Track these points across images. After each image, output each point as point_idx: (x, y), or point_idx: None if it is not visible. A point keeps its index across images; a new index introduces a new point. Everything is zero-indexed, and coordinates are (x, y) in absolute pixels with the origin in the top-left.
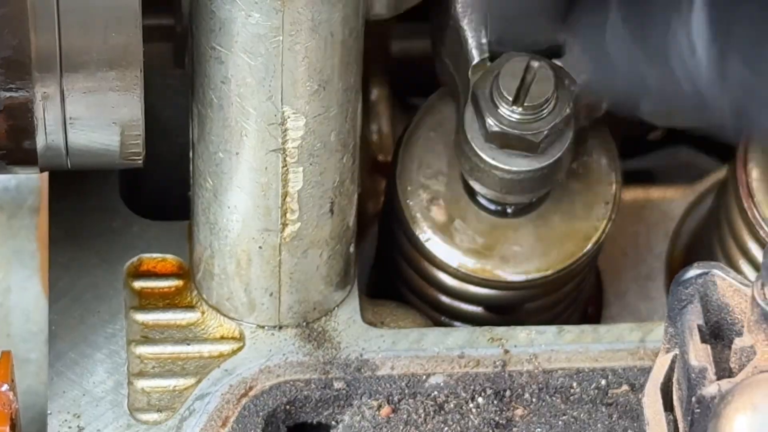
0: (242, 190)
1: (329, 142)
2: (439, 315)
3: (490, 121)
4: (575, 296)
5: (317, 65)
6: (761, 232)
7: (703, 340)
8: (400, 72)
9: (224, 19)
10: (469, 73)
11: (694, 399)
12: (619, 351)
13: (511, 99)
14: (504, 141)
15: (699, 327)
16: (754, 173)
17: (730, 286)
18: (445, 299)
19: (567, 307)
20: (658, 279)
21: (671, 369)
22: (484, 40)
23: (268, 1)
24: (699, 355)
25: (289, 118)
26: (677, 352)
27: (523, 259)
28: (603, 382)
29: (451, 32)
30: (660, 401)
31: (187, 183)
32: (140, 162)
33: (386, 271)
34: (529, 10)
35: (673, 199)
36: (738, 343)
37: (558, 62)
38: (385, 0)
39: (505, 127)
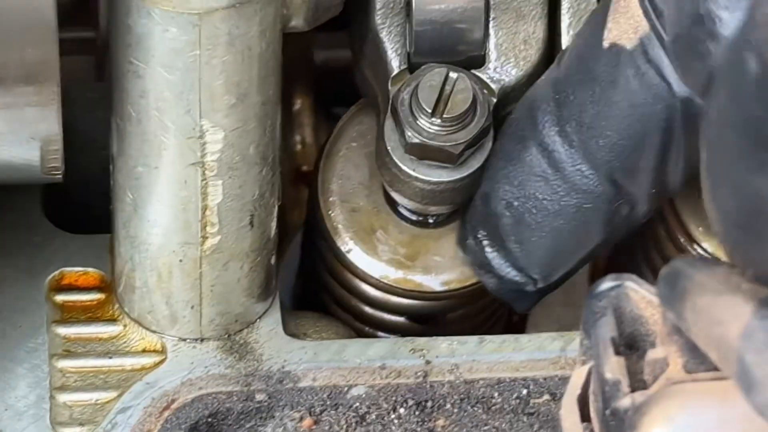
0: (162, 203)
1: (248, 155)
2: (362, 326)
3: (410, 133)
4: (498, 305)
5: (235, 79)
6: (681, 240)
7: (617, 353)
8: (323, 82)
9: (141, 34)
10: (389, 83)
11: (608, 411)
12: (540, 360)
13: (430, 110)
14: (423, 152)
15: (612, 339)
16: None
17: (643, 298)
18: (368, 310)
19: (490, 316)
20: (582, 286)
21: (588, 381)
22: (403, 51)
23: (184, 15)
24: (612, 367)
25: (207, 131)
26: (593, 365)
27: (445, 269)
28: (524, 391)
29: (371, 43)
30: (577, 413)
31: (110, 196)
32: (60, 176)
33: (310, 281)
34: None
35: None
36: (651, 355)
37: (477, 73)
38: (302, 13)
39: (424, 139)
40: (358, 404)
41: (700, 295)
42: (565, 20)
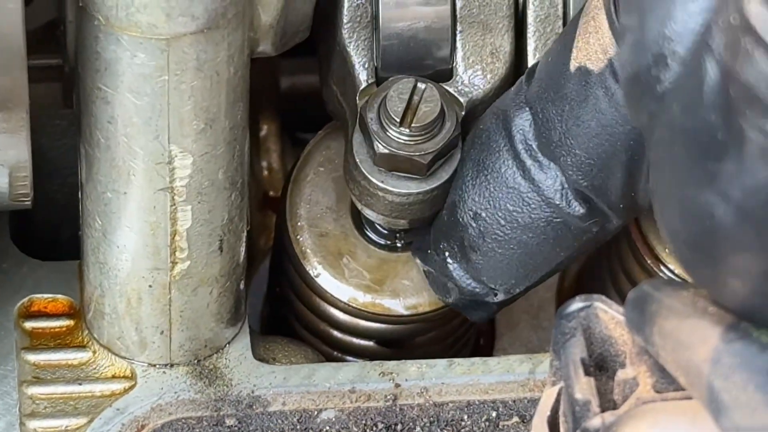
0: (131, 229)
1: (217, 180)
2: (331, 350)
3: (378, 144)
4: (467, 329)
5: (203, 104)
6: (648, 261)
7: (587, 373)
8: (289, 108)
9: (109, 60)
10: (357, 97)
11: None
12: (509, 383)
13: (398, 120)
14: (392, 163)
15: (582, 360)
16: None
17: (612, 318)
18: (337, 334)
19: (458, 339)
20: (549, 309)
21: (557, 401)
22: (371, 65)
23: (152, 41)
24: (582, 388)
25: (176, 157)
26: (563, 385)
27: (413, 292)
28: (494, 414)
29: (338, 57)
30: None
31: (79, 222)
32: (29, 203)
33: (279, 306)
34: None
35: None
36: (621, 375)
37: (445, 86)
38: (270, 38)
39: (393, 149)
40: (328, 428)
41: (667, 318)
42: (531, 43)
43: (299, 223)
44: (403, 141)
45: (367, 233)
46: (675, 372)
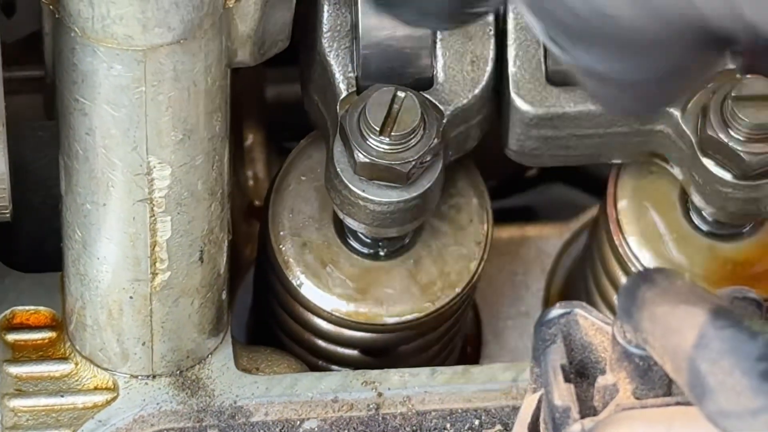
0: (111, 240)
1: (196, 190)
2: (316, 359)
3: (359, 153)
4: (451, 337)
5: (181, 115)
6: (632, 268)
7: (567, 380)
8: (275, 117)
9: (86, 72)
10: (338, 107)
11: None
12: (492, 391)
13: (378, 129)
14: (373, 172)
15: (562, 366)
16: (623, 209)
17: (592, 325)
18: (320, 343)
19: (443, 347)
20: (535, 316)
21: (538, 408)
22: (351, 74)
23: (129, 52)
24: (562, 394)
25: (154, 168)
26: (543, 392)
27: (396, 301)
28: (476, 422)
29: (318, 67)
30: None
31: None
32: (8, 216)
33: (263, 316)
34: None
35: (549, 237)
36: (601, 381)
37: (426, 95)
38: (248, 48)
39: (373, 158)
40: None
41: (659, 304)
42: (511, 51)
43: (282, 233)
44: (383, 150)
45: (350, 242)
46: (661, 358)
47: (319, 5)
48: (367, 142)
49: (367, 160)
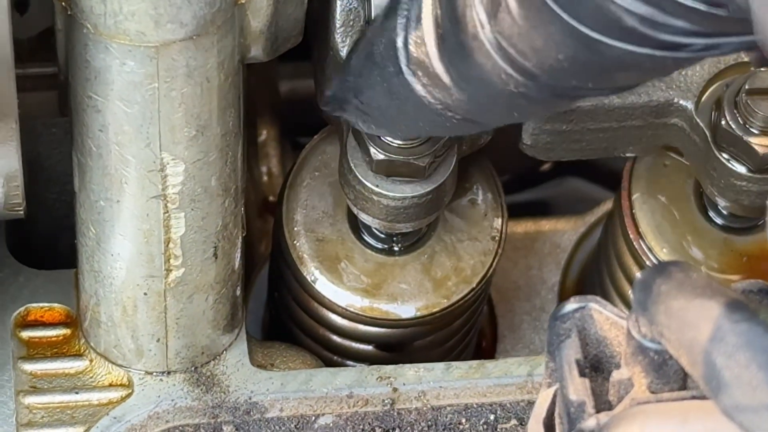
0: (125, 237)
1: (210, 186)
2: (330, 355)
3: (374, 150)
4: (467, 331)
5: (194, 111)
6: (647, 262)
7: (582, 374)
8: (288, 112)
9: (99, 68)
10: None
11: None
12: (507, 386)
13: None
14: (390, 168)
15: (577, 361)
16: (638, 202)
17: (607, 319)
18: (335, 338)
19: (459, 342)
20: (550, 311)
21: (553, 403)
22: None
23: (142, 48)
24: (577, 388)
25: (168, 164)
26: (558, 387)
27: (411, 296)
28: (492, 417)
29: (332, 63)
30: None
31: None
32: (23, 213)
33: (278, 312)
34: None
35: (564, 231)
36: (616, 375)
37: None
38: (261, 44)
39: (390, 155)
40: None
41: (675, 298)
42: None
43: (296, 228)
44: (397, 145)
45: (364, 237)
46: (677, 351)
47: (332, 1)
48: (382, 138)
49: (384, 157)
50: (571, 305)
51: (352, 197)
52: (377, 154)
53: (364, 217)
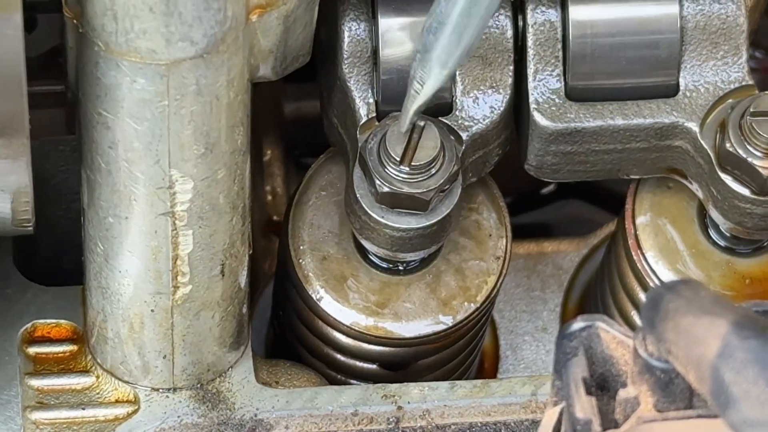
0: (133, 254)
1: (218, 204)
2: (335, 373)
3: (379, 182)
4: (470, 351)
5: (203, 128)
6: (650, 283)
7: (588, 393)
8: (293, 132)
9: (109, 85)
10: (357, 132)
11: None
12: (511, 405)
13: (398, 159)
14: (394, 201)
15: (584, 379)
16: (642, 224)
17: (613, 338)
18: (340, 357)
19: (462, 362)
20: (553, 330)
21: (559, 421)
22: (371, 100)
23: (152, 66)
24: (584, 407)
25: (177, 181)
26: (565, 405)
27: (416, 316)
28: None
29: (339, 92)
30: None
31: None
32: (31, 229)
33: (283, 330)
34: None
35: (566, 252)
36: (622, 394)
37: (445, 120)
38: (270, 63)
39: (394, 187)
40: None
41: (683, 315)
42: (531, 66)
43: (301, 247)
44: (402, 178)
45: (370, 257)
46: (685, 368)
47: (340, 31)
48: (387, 171)
49: (388, 190)
50: (578, 324)
51: (357, 226)
52: (382, 187)
53: (369, 246)
